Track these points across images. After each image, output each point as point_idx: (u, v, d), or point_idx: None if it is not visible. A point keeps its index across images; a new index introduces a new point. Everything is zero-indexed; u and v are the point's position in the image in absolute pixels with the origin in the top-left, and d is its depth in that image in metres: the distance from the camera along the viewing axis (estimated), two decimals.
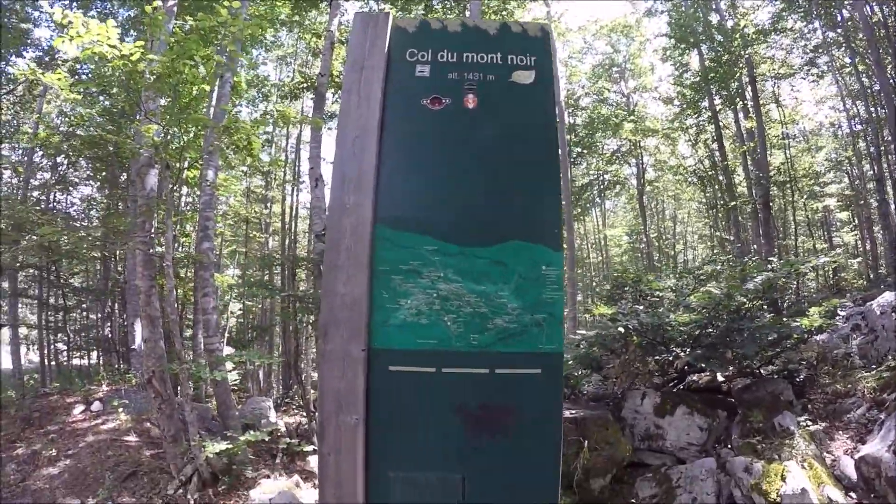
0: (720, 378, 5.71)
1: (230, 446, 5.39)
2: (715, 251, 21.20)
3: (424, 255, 2.02)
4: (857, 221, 18.86)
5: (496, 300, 2.00)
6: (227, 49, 5.08)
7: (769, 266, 4.80)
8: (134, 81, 5.39)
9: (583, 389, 5.44)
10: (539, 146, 2.20)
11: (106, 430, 8.53)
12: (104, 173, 14.27)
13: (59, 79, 5.50)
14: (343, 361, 1.99)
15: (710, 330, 4.68)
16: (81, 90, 6.39)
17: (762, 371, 5.27)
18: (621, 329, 4.58)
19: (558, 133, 2.31)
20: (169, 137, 6.16)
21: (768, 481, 3.75)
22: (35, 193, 14.64)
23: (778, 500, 3.66)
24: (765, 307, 4.88)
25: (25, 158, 14.71)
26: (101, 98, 10.82)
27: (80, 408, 9.48)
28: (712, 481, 3.99)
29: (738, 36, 14.36)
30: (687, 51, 17.20)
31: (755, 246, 16.01)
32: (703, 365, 4.53)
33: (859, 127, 16.06)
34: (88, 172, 15.11)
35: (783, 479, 3.72)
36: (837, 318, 5.10)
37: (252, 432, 5.76)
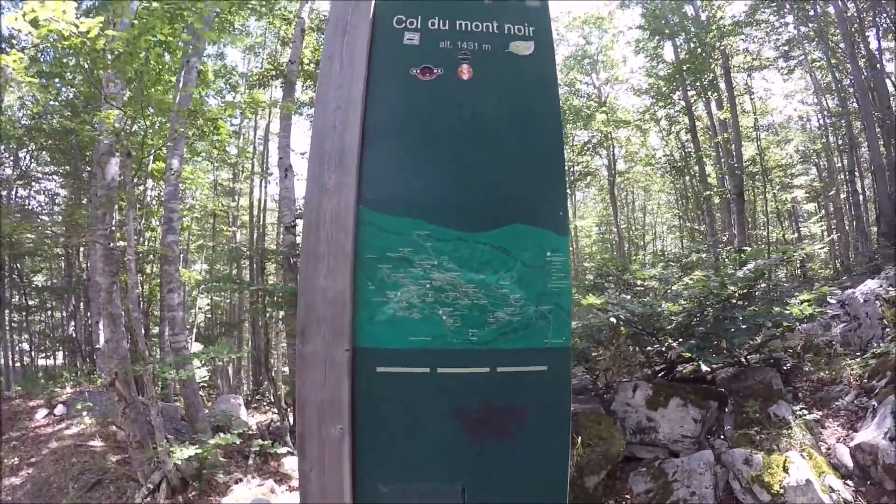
0: (704, 368, 5.64)
1: (199, 451, 5.08)
2: (685, 242, 21.49)
3: (416, 242, 1.79)
4: (823, 213, 19.29)
5: (497, 291, 1.79)
6: (194, 27, 4.72)
7: (765, 254, 4.70)
8: (93, 63, 5.00)
9: None
10: (541, 121, 1.99)
11: (70, 435, 8.11)
12: (67, 167, 13.61)
13: (14, 61, 5.08)
14: (325, 365, 1.75)
15: (700, 319, 4.57)
16: (37, 74, 5.92)
17: (748, 360, 5.20)
18: (613, 319, 4.44)
19: (559, 111, 2.10)
20: (131, 124, 5.77)
21: (770, 473, 3.65)
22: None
23: (781, 491, 3.56)
24: (751, 296, 4.80)
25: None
26: (64, 89, 10.25)
27: (43, 412, 9.02)
28: (710, 474, 3.87)
29: (713, 27, 14.42)
30: (661, 42, 17.24)
31: (726, 236, 16.18)
32: (694, 356, 4.42)
33: (829, 120, 16.35)
34: (51, 167, 14.42)
35: (786, 470, 3.63)
36: (826, 305, 5.06)
37: (222, 435, 5.46)
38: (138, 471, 6.03)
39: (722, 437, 4.40)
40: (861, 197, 14.84)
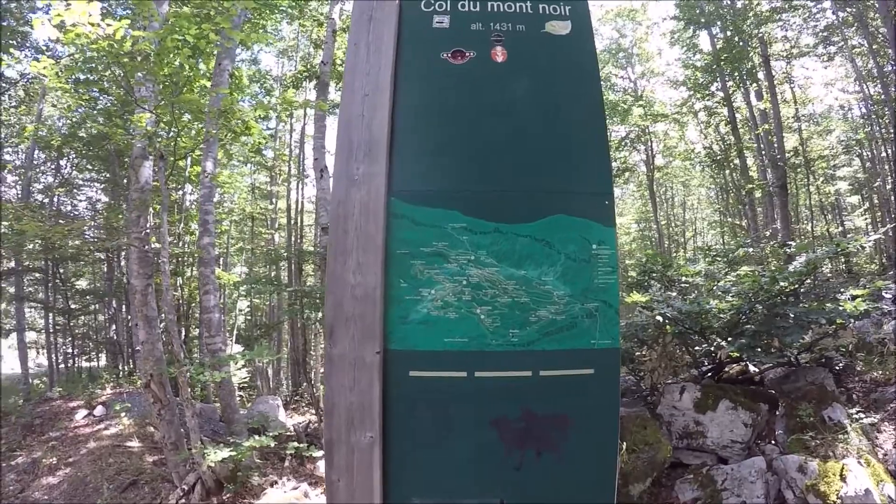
0: (753, 368, 5.34)
1: (233, 453, 5.06)
2: (725, 238, 20.83)
3: (451, 235, 1.67)
4: (867, 205, 18.47)
5: (539, 287, 1.65)
6: (222, 26, 4.71)
7: (819, 246, 4.42)
8: (123, 66, 5.03)
9: None
10: (581, 104, 1.84)
11: (108, 435, 8.24)
12: (106, 174, 13.99)
13: (44, 67, 5.17)
14: (354, 367, 1.64)
15: (750, 317, 4.30)
16: (71, 80, 6.04)
17: (798, 360, 4.89)
18: (659, 318, 4.21)
19: (601, 93, 1.94)
20: (167, 128, 5.81)
21: (826, 481, 3.38)
22: (39, 196, 14.39)
23: (837, 501, 3.30)
24: (799, 292, 4.50)
25: (25, 160, 14.43)
26: (101, 97, 10.50)
27: (82, 412, 9.21)
28: (761, 482, 3.62)
29: (751, 14, 13.89)
30: (696, 32, 16.72)
31: (769, 231, 15.59)
32: (745, 356, 4.16)
33: (872, 108, 15.59)
34: (92, 174, 14.85)
35: (843, 478, 3.36)
36: (882, 301, 4.72)
37: (256, 437, 5.43)
38: (173, 472, 6.07)
39: (773, 442, 4.13)
40: None
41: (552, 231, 1.67)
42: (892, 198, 16.10)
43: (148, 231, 6.20)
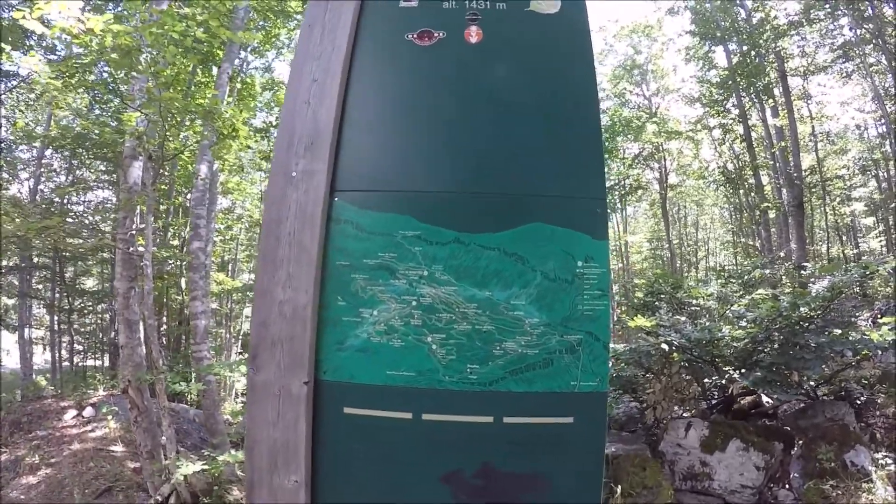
0: (766, 399, 4.96)
1: (206, 467, 4.77)
2: (739, 258, 20.38)
3: (401, 245, 1.37)
4: (882, 227, 18.05)
5: (507, 313, 1.34)
6: (210, 25, 4.50)
7: (843, 269, 4.04)
8: (109, 62, 4.84)
9: (612, 413, 4.64)
10: (571, 93, 1.54)
11: (93, 438, 8.09)
12: (115, 175, 13.93)
13: (34, 64, 5.00)
14: (279, 399, 1.35)
15: (767, 346, 3.92)
16: (60, 77, 5.87)
17: (816, 393, 4.51)
18: (665, 346, 3.83)
19: (595, 79, 1.63)
20: (162, 127, 5.60)
21: None
22: (50, 196, 14.36)
23: None
24: (814, 318, 4.12)
25: (35, 159, 14.41)
26: (100, 95, 10.38)
27: (72, 413, 9.08)
28: None
29: (767, 28, 13.57)
30: (712, 48, 16.43)
31: (784, 251, 15.17)
32: (761, 390, 3.79)
33: (891, 127, 15.21)
34: (102, 175, 14.80)
35: None
36: None
37: (232, 452, 5.13)
38: (148, 482, 5.81)
39: (787, 486, 3.74)
40: None
41: (527, 243, 1.37)
42: None
43: (133, 233, 5.98)
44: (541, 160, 1.46)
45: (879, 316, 9.25)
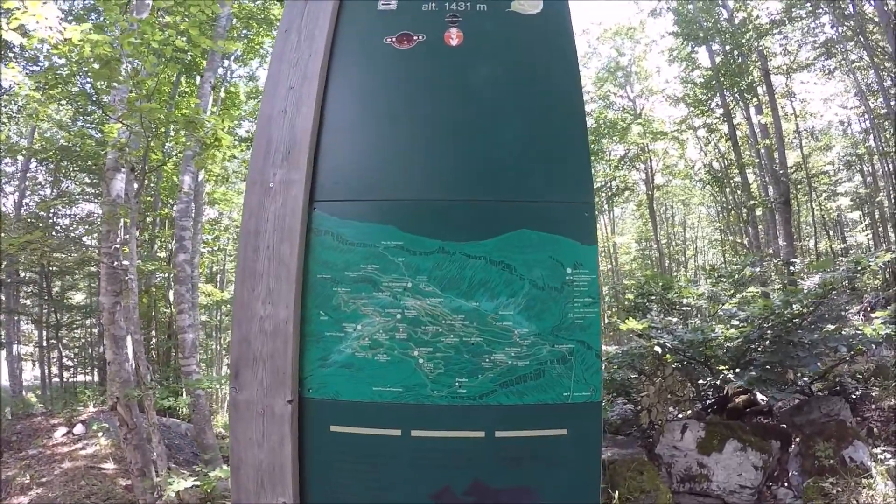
0: (760, 397, 4.95)
1: (197, 483, 4.68)
2: (727, 256, 20.51)
3: (384, 256, 1.32)
4: (868, 221, 18.26)
5: (496, 324, 1.30)
6: (189, 33, 4.43)
7: (834, 264, 4.02)
8: (89, 72, 4.76)
9: (606, 416, 4.59)
10: (556, 95, 1.51)
11: (84, 455, 7.98)
12: (99, 187, 13.75)
13: (13, 75, 4.91)
14: (263, 419, 1.29)
15: (760, 345, 3.90)
16: (42, 87, 5.78)
17: (811, 389, 4.50)
18: (658, 349, 3.80)
19: (580, 81, 1.60)
20: (147, 138, 5.52)
21: None
22: (35, 208, 14.16)
23: None
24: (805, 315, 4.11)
25: (19, 173, 14.19)
26: (83, 106, 10.25)
27: (62, 430, 8.93)
28: None
29: (750, 27, 13.70)
30: (695, 48, 16.56)
31: (771, 249, 15.29)
32: (756, 389, 3.77)
33: (870, 123, 15.41)
34: (87, 188, 14.62)
35: None
36: None
37: (223, 467, 5.05)
38: (140, 499, 5.70)
39: (786, 484, 3.72)
40: None
41: (514, 251, 1.32)
42: (888, 213, 15.86)
43: (117, 246, 5.87)
44: (526, 164, 1.42)
45: (870, 309, 9.32)
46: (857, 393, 4.69)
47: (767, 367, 3.69)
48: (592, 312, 1.32)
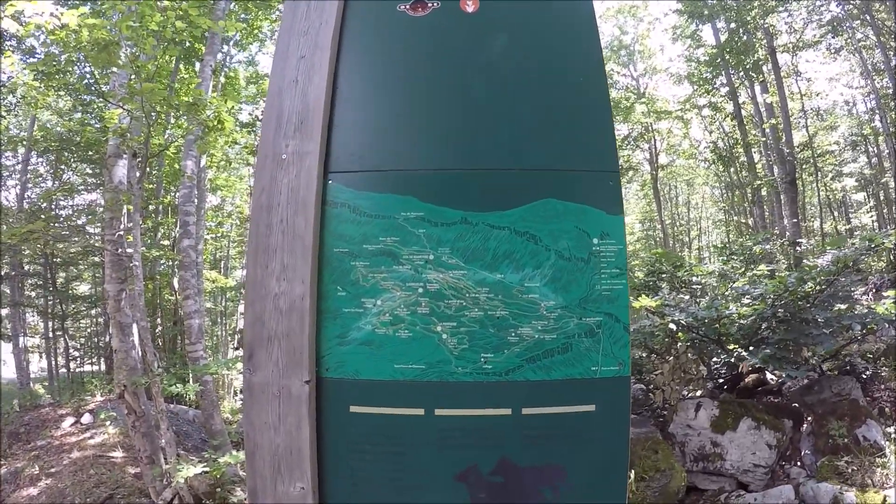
0: (770, 377, 4.91)
1: (207, 469, 4.68)
2: (731, 236, 20.43)
3: (404, 228, 1.27)
4: (873, 202, 18.15)
5: (522, 297, 1.25)
6: (189, 14, 4.34)
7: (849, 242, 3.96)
8: (87, 57, 4.67)
9: None
10: (577, 62, 1.44)
11: (92, 445, 8.02)
12: (101, 177, 13.67)
13: (10, 64, 4.84)
14: (279, 400, 1.25)
15: (773, 323, 3.85)
16: (40, 75, 5.70)
17: (822, 368, 4.46)
18: (672, 326, 3.76)
19: (600, 46, 1.53)
20: (135, 123, 5.45)
21: None
22: (37, 200, 14.11)
23: None
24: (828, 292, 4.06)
25: (20, 165, 14.11)
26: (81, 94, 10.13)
27: (70, 420, 8.98)
28: None
29: (756, 4, 13.47)
30: (700, 26, 16.33)
31: (777, 229, 15.21)
32: (771, 367, 3.72)
33: (876, 102, 15.23)
34: (89, 178, 14.55)
35: None
36: None
37: (233, 453, 5.05)
38: (150, 487, 5.72)
39: (798, 463, 3.70)
40: None
41: (539, 221, 1.27)
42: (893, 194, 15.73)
43: (121, 233, 5.83)
44: (548, 132, 1.36)
45: (875, 291, 9.27)
46: (868, 373, 4.65)
47: (781, 345, 3.65)
48: (620, 284, 1.27)
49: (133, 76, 5.00)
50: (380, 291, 1.25)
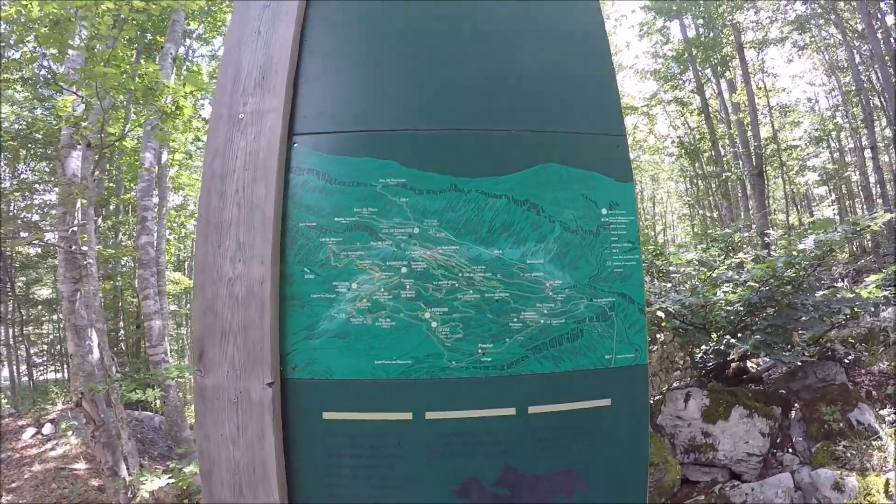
0: (750, 365, 4.87)
1: (171, 480, 4.39)
2: (696, 229, 20.77)
3: (383, 196, 1.07)
4: (834, 196, 18.75)
5: (523, 275, 1.06)
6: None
7: (834, 227, 3.92)
8: (37, 37, 4.32)
9: None
10: (576, 15, 1.27)
11: (54, 456, 7.66)
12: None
13: None
14: (237, 407, 1.04)
15: (761, 308, 3.77)
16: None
17: (805, 354, 4.43)
18: (661, 314, 3.63)
19: (600, 7, 1.36)
20: (87, 109, 5.10)
21: (870, 501, 2.86)
22: None
23: None
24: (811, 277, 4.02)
25: None
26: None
27: (30, 431, 8.56)
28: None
29: (724, 1, 13.67)
30: (667, 22, 16.51)
31: (744, 221, 15.50)
32: (762, 353, 3.63)
33: (839, 99, 15.69)
34: (45, 177, 13.89)
35: (888, 495, 2.85)
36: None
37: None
38: (113, 500, 5.39)
39: (790, 450, 3.62)
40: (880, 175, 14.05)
41: (540, 188, 1.09)
42: (859, 185, 16.16)
43: (75, 229, 5.46)
44: (549, 91, 1.18)
45: (840, 281, 9.48)
46: (850, 357, 4.64)
47: (770, 330, 3.57)
48: (633, 260, 1.10)
49: (88, 59, 4.66)
50: (355, 273, 1.05)
